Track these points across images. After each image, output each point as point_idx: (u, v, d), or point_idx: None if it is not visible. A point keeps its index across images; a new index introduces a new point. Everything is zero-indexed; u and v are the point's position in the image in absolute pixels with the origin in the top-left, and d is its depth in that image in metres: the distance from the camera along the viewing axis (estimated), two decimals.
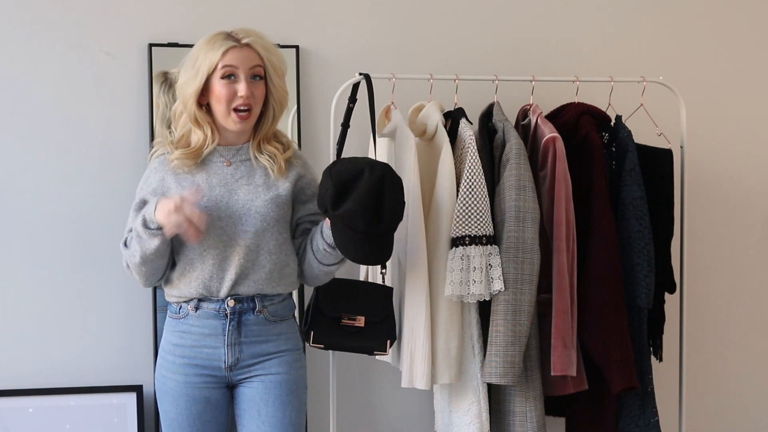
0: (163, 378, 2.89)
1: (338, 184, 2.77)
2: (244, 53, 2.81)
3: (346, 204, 2.74)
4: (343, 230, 2.77)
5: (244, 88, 2.79)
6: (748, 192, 3.80)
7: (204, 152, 2.86)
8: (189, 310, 2.86)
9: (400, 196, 2.81)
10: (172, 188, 2.84)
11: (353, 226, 2.75)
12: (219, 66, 2.79)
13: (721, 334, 3.80)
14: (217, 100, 2.82)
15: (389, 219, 2.78)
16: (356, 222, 2.74)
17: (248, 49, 2.82)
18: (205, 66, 2.80)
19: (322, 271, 2.91)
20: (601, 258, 3.15)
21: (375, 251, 2.83)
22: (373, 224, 2.75)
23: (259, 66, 2.82)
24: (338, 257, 2.87)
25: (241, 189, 2.85)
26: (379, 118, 3.24)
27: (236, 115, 2.81)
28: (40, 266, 3.33)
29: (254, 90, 2.82)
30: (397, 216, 2.80)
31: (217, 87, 2.81)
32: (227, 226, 2.84)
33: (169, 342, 2.89)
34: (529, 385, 3.13)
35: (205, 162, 2.87)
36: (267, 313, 2.87)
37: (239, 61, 2.80)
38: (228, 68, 2.79)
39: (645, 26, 3.72)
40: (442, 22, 3.59)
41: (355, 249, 2.80)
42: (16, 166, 3.32)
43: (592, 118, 3.29)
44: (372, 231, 2.76)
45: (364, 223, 2.74)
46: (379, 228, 2.76)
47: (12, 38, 3.31)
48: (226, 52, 2.79)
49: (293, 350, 2.91)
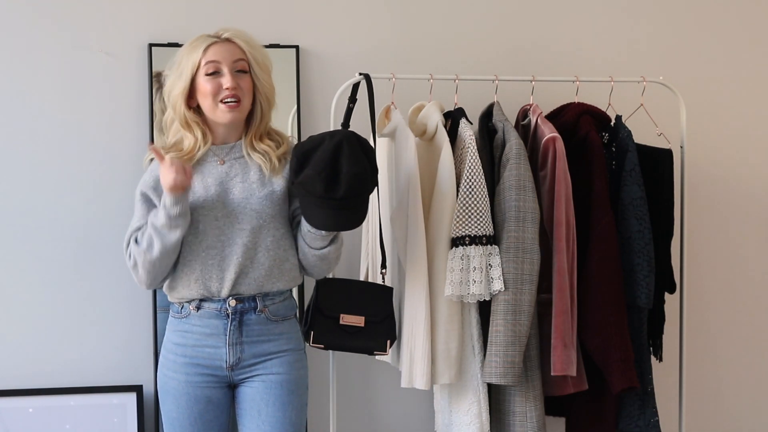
0: (164, 377, 2.90)
1: (299, 154, 2.80)
2: (225, 47, 2.82)
3: (305, 171, 2.77)
4: (305, 197, 2.79)
5: (228, 80, 2.80)
6: (748, 192, 3.80)
7: (196, 155, 2.86)
8: (191, 310, 2.86)
9: (359, 160, 2.78)
10: None
11: (312, 191, 2.76)
12: (202, 63, 2.81)
13: (721, 334, 3.80)
14: (203, 96, 2.83)
15: (348, 183, 2.75)
16: (314, 186, 2.75)
17: (229, 43, 2.83)
18: (188, 66, 2.82)
19: (315, 255, 2.89)
20: (601, 258, 3.15)
21: (339, 217, 2.80)
22: (332, 188, 2.75)
23: (242, 60, 2.83)
24: (324, 238, 2.86)
25: (236, 187, 2.86)
26: (379, 118, 3.24)
27: (224, 105, 2.82)
28: (40, 266, 3.33)
29: (240, 82, 2.82)
30: (356, 180, 2.76)
31: (202, 84, 2.82)
32: (224, 225, 2.84)
33: (171, 341, 2.90)
34: (529, 385, 3.13)
35: (199, 162, 2.88)
36: (268, 312, 2.87)
37: (221, 56, 2.81)
38: (211, 64, 2.81)
39: (645, 26, 3.72)
40: (442, 22, 3.59)
41: (317, 215, 2.80)
42: (16, 165, 3.32)
43: (592, 118, 3.29)
44: (331, 196, 2.75)
45: (321, 186, 2.74)
46: (337, 192, 2.75)
47: (12, 38, 3.31)
48: (207, 48, 2.81)
49: (295, 350, 2.91)
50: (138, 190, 2.89)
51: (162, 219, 2.76)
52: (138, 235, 2.84)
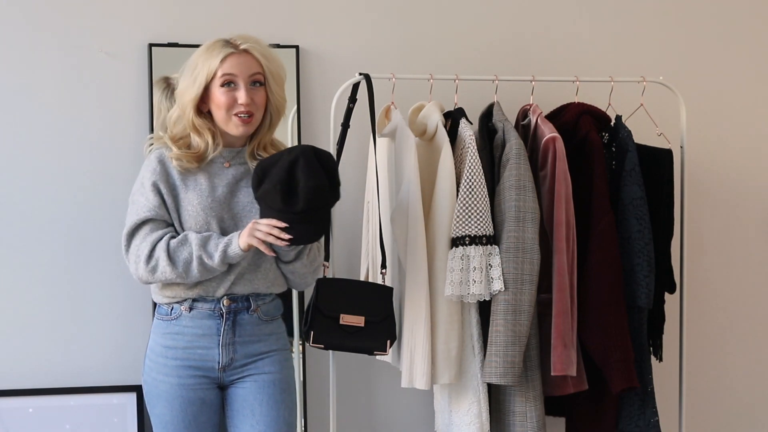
0: (153, 381, 2.88)
1: (259, 170, 2.80)
2: (242, 60, 2.82)
3: (263, 185, 2.77)
4: (266, 210, 2.79)
5: (243, 96, 2.80)
6: (748, 192, 3.80)
7: (208, 157, 2.87)
8: (182, 311, 2.86)
9: (316, 174, 2.76)
10: (178, 186, 2.85)
11: (271, 205, 2.76)
12: (218, 74, 2.80)
13: (721, 334, 3.80)
14: (217, 107, 2.83)
15: (305, 196, 2.74)
16: (273, 200, 2.75)
17: (247, 55, 2.83)
18: (203, 73, 2.81)
19: (286, 269, 2.91)
20: (601, 258, 3.15)
21: (299, 230, 2.78)
22: (290, 202, 2.75)
23: (259, 73, 2.83)
24: (288, 252, 2.86)
25: (242, 190, 2.87)
26: (379, 118, 3.24)
27: (238, 119, 2.82)
28: (40, 266, 3.32)
29: (254, 96, 2.83)
30: (313, 192, 2.75)
31: (216, 95, 2.82)
32: (229, 226, 2.85)
33: (160, 344, 2.88)
34: (529, 385, 3.13)
35: (208, 163, 2.88)
36: (260, 312, 2.88)
37: (238, 69, 2.81)
38: (227, 76, 2.80)
39: (645, 26, 3.72)
40: (442, 22, 3.59)
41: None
42: (16, 165, 3.31)
43: (592, 118, 3.29)
44: (290, 209, 2.75)
45: (279, 199, 2.74)
46: (296, 206, 2.74)
47: (11, 38, 3.31)
48: (225, 59, 2.80)
49: (282, 350, 2.94)
50: (147, 179, 2.85)
51: (218, 263, 2.78)
52: (165, 245, 2.79)
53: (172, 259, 2.79)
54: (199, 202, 2.83)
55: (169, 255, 2.79)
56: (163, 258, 2.78)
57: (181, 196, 2.85)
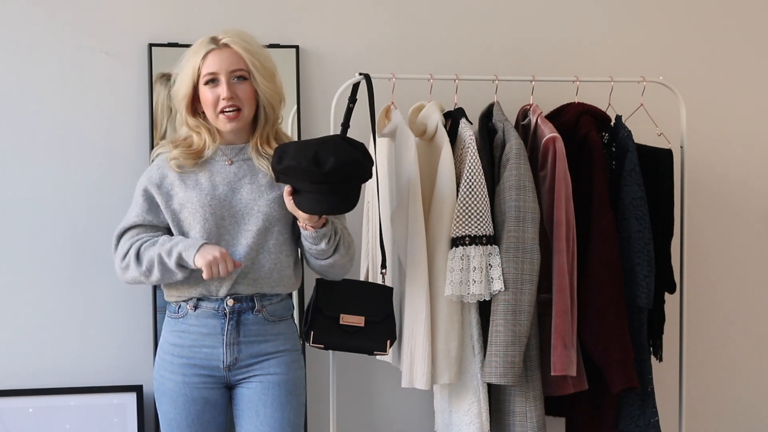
0: (161, 378, 2.89)
1: (279, 150, 2.79)
2: (223, 56, 2.82)
3: (284, 161, 2.75)
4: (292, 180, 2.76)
5: (224, 90, 2.81)
6: (748, 192, 3.80)
7: (206, 154, 2.87)
8: (188, 310, 2.87)
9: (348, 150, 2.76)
10: (176, 186, 2.85)
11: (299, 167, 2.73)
12: (202, 72, 2.82)
13: (721, 334, 3.80)
14: (205, 105, 2.85)
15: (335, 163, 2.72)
16: (300, 162, 2.72)
17: (227, 50, 2.83)
18: (189, 72, 2.84)
19: (326, 264, 2.90)
20: (601, 258, 3.15)
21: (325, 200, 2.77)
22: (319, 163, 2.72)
23: (241, 69, 2.83)
24: (317, 240, 2.83)
25: (244, 188, 2.87)
26: (379, 118, 3.24)
27: (223, 115, 2.83)
28: (40, 266, 3.33)
29: (237, 91, 2.83)
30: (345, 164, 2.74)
31: (202, 93, 2.85)
32: (230, 225, 2.85)
33: (168, 342, 2.90)
34: (529, 385, 3.13)
35: (208, 161, 2.89)
36: (266, 312, 2.87)
37: (218, 65, 2.82)
38: (209, 74, 2.82)
39: (645, 26, 3.72)
40: (442, 22, 3.59)
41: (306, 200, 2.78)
42: (16, 165, 3.32)
43: (592, 118, 3.29)
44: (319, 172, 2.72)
45: (310, 160, 2.72)
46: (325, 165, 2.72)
47: (12, 38, 3.31)
48: (205, 56, 2.82)
49: (291, 351, 2.91)
50: (141, 185, 2.89)
51: (173, 266, 2.79)
52: (139, 244, 2.83)
53: (139, 257, 2.83)
54: (198, 200, 2.83)
55: (138, 253, 2.83)
56: (132, 256, 2.83)
57: (180, 196, 2.85)
